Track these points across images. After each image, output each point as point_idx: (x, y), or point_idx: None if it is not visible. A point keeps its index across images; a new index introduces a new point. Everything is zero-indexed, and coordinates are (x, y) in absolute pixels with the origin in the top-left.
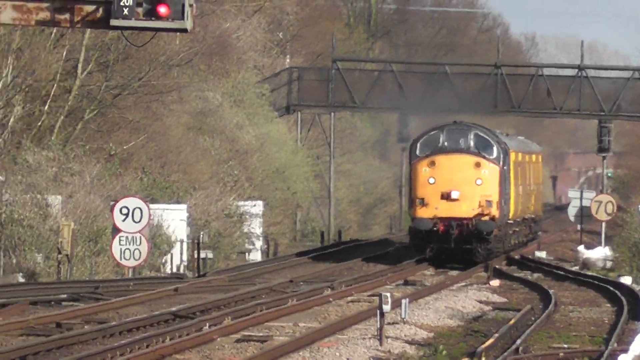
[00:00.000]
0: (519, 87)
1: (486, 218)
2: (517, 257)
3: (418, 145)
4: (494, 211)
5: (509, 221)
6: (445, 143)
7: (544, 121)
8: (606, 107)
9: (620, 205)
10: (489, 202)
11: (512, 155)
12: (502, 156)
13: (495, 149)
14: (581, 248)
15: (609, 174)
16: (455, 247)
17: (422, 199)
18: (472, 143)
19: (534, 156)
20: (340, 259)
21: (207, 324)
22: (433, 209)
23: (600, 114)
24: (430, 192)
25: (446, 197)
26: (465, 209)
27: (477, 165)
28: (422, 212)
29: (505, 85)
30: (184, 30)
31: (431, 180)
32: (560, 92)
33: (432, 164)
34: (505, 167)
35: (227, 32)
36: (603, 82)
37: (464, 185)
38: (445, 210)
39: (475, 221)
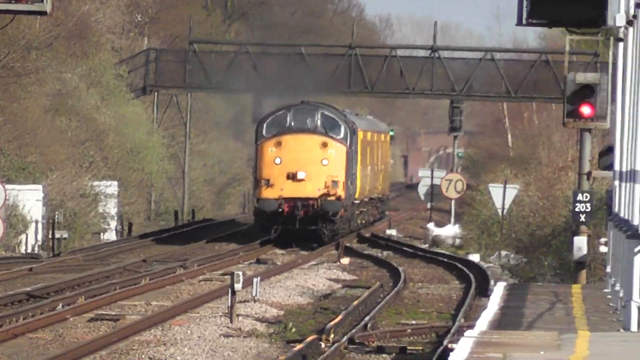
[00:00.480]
0: (373, 68)
1: (332, 198)
2: (367, 235)
3: (264, 125)
4: (340, 191)
5: (356, 201)
6: (292, 123)
7: (397, 102)
8: (458, 87)
9: (470, 183)
10: (335, 183)
11: (360, 135)
12: (349, 136)
13: (342, 128)
14: (431, 226)
15: (459, 154)
16: (300, 227)
17: (268, 180)
18: (319, 123)
19: (382, 135)
20: (193, 239)
21: (61, 304)
22: (278, 190)
23: (452, 94)
24: (276, 172)
25: (292, 177)
26: (311, 189)
27: (324, 145)
28: (268, 193)
29: (359, 67)
30: (44, 13)
31: (277, 161)
32: (413, 72)
33: (279, 144)
34: (352, 147)
35: (87, 14)
36: (455, 62)
37: (311, 165)
38: (290, 190)
39: (320, 201)
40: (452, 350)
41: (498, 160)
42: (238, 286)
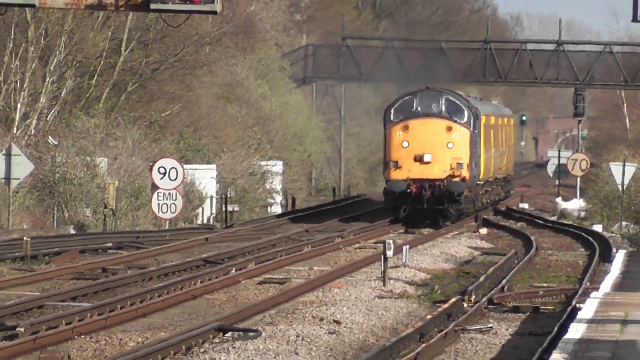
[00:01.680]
0: (505, 60)
1: (457, 179)
2: (502, 208)
3: (392, 110)
4: (465, 173)
5: (479, 182)
6: (418, 108)
7: (527, 90)
8: (581, 77)
9: (593, 162)
10: (460, 164)
11: (483, 119)
12: (472, 120)
13: (466, 113)
14: (559, 200)
15: (583, 135)
16: (427, 207)
17: (396, 162)
18: (443, 108)
19: (505, 119)
20: (348, 212)
21: (234, 269)
22: (406, 172)
23: (575, 83)
24: (403, 155)
25: (419, 159)
26: (437, 171)
27: (449, 129)
28: (396, 174)
29: (493, 59)
30: (214, 12)
31: (404, 144)
32: (541, 64)
33: (406, 128)
34: (475, 131)
35: (252, 13)
36: (578, 55)
37: (436, 148)
38: (418, 172)
39: (446, 182)
40: (579, 309)
41: (617, 142)
42: (389, 253)
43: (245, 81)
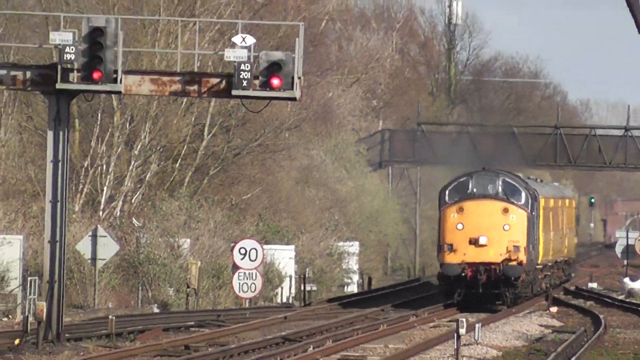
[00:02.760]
0: (575, 145)
1: (514, 263)
2: (572, 288)
3: (447, 191)
4: (522, 256)
5: (538, 266)
6: (474, 189)
7: (596, 173)
8: None
9: None
10: (517, 247)
11: (542, 201)
12: (530, 202)
13: (523, 194)
14: (627, 280)
15: None
16: (483, 291)
17: (451, 245)
18: (500, 189)
19: (567, 201)
20: (421, 291)
21: (312, 346)
22: (461, 255)
23: None
24: (458, 237)
25: (474, 242)
26: (492, 254)
27: (505, 210)
28: (451, 258)
29: (563, 144)
30: (294, 99)
31: (459, 226)
32: (609, 149)
33: (461, 209)
34: (533, 213)
35: (330, 100)
36: None
37: (492, 230)
38: (473, 255)
39: (502, 266)
40: None
41: None
42: (462, 331)
43: (323, 165)
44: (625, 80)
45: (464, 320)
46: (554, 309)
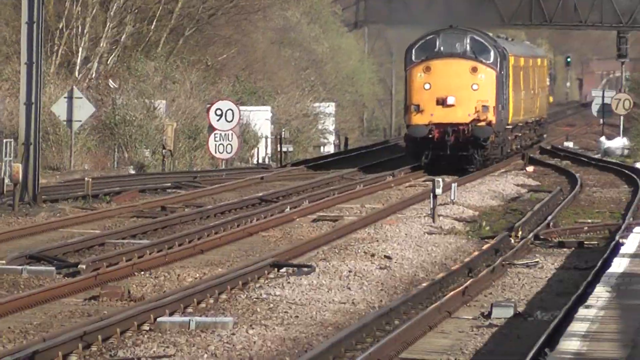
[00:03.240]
0: (551, 4)
1: (483, 124)
2: (548, 147)
3: (413, 50)
4: (491, 116)
5: (508, 126)
6: (441, 48)
7: (572, 33)
8: (624, 20)
9: (635, 102)
10: (486, 108)
11: (512, 60)
12: (499, 60)
13: (492, 53)
14: (603, 139)
15: (627, 76)
16: (451, 153)
17: (418, 106)
18: (468, 47)
19: (538, 60)
20: (397, 151)
21: (288, 207)
22: (428, 115)
23: (619, 25)
24: (425, 97)
25: (442, 102)
26: (461, 115)
27: (474, 70)
28: (418, 119)
29: (538, 3)
30: None
31: (426, 86)
32: (585, 7)
33: (428, 69)
34: (502, 72)
35: None
36: None
37: (460, 90)
38: (440, 116)
39: (471, 127)
40: (623, 244)
41: None
42: (439, 191)
43: (298, 26)
44: None
45: (440, 180)
46: (530, 169)
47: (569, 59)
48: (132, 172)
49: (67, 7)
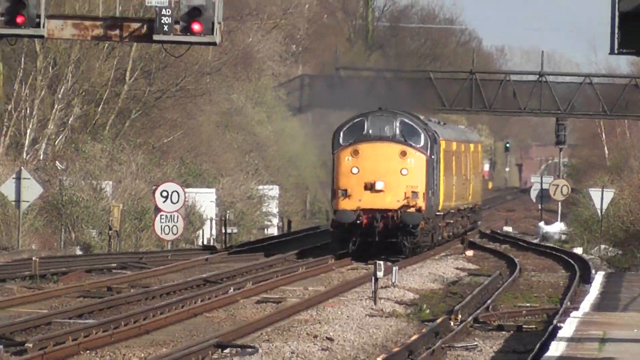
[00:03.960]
0: (490, 90)
1: (412, 210)
2: (487, 231)
3: (341, 133)
4: (421, 202)
5: (439, 213)
6: (370, 131)
7: (511, 118)
8: (562, 107)
9: (573, 188)
10: (415, 193)
11: (443, 144)
12: (430, 144)
13: (422, 136)
14: (541, 224)
15: (565, 162)
16: (379, 240)
17: (345, 190)
18: (397, 131)
19: (471, 145)
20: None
21: (232, 288)
22: (356, 201)
23: (557, 112)
24: (353, 182)
25: (370, 187)
26: (390, 201)
27: (403, 154)
28: (345, 204)
29: (479, 89)
30: (214, 44)
31: (354, 170)
32: (524, 94)
33: (356, 152)
34: (433, 156)
35: (250, 45)
36: (559, 86)
37: (389, 175)
38: (369, 201)
39: (400, 213)
40: (560, 328)
41: (596, 169)
42: (380, 274)
43: (243, 109)
44: (539, 26)
45: (381, 263)
46: (469, 253)
47: (507, 145)
48: (79, 252)
49: (16, 89)
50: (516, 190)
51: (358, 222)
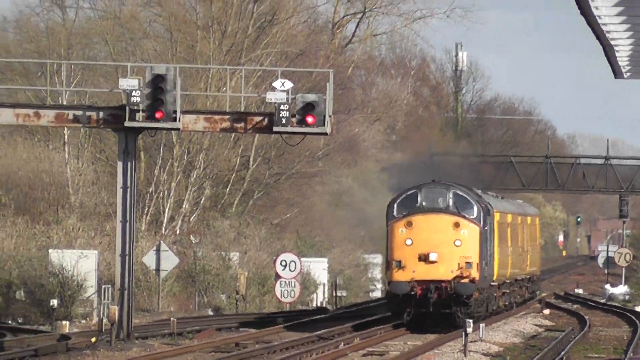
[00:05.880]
0: (563, 172)
1: (466, 280)
2: (562, 293)
3: (395, 205)
4: (474, 273)
5: (493, 283)
6: (423, 203)
7: (581, 196)
8: (624, 185)
9: (635, 255)
10: (469, 264)
11: (497, 216)
12: (482, 215)
13: (475, 208)
14: (607, 286)
15: (627, 233)
16: (433, 311)
17: (399, 262)
18: (450, 202)
19: (528, 218)
20: None
21: (342, 343)
22: (410, 272)
23: (620, 190)
24: (407, 254)
25: (424, 259)
26: (443, 272)
27: (456, 225)
28: (399, 275)
29: (553, 171)
30: (325, 134)
31: (408, 242)
32: (592, 175)
33: (409, 224)
34: (486, 228)
35: (356, 135)
36: (622, 168)
37: (442, 246)
38: (423, 272)
39: (454, 284)
40: None
41: None
42: (469, 330)
43: (350, 189)
44: (604, 116)
45: (470, 321)
46: (546, 311)
47: (579, 219)
48: (211, 313)
49: (156, 174)
50: (586, 257)
51: (412, 293)
